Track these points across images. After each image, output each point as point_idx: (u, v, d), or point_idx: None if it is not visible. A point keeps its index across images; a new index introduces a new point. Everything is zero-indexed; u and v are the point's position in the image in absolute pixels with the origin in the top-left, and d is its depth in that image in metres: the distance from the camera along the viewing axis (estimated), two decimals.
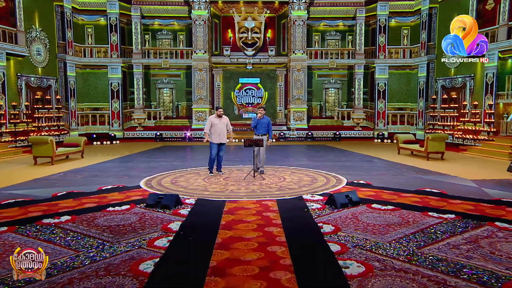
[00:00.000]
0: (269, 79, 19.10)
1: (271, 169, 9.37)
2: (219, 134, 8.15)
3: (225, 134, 8.31)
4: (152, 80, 18.55)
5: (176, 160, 11.46)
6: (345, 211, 5.52)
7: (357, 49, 18.64)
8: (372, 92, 18.72)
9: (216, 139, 8.17)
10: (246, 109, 19.01)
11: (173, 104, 18.68)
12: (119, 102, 17.85)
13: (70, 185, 7.42)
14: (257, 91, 19.03)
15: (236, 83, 18.90)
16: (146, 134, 17.94)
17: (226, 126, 8.26)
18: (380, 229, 4.66)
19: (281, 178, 8.28)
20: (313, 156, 12.25)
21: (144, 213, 5.46)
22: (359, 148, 14.58)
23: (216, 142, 8.18)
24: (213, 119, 8.17)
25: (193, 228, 4.76)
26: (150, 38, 18.58)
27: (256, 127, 8.36)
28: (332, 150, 14.24)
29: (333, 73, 19.00)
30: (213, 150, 8.07)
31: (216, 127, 8.10)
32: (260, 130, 8.39)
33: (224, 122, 8.22)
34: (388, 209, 5.54)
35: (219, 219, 5.11)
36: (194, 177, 8.40)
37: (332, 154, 12.58)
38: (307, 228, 4.73)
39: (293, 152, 13.67)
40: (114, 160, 11.41)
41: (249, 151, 12.53)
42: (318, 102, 19.13)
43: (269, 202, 6.13)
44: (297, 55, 18.09)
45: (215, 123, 8.14)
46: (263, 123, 8.34)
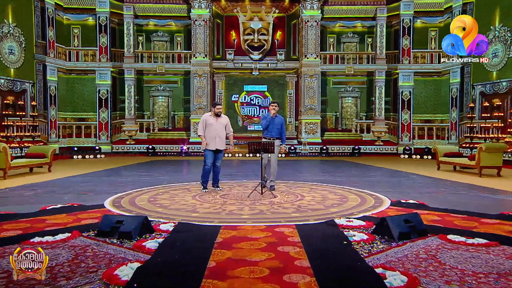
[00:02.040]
0: (278, 86, 18.09)
1: (282, 185, 7.71)
2: (215, 138, 6.65)
3: (223, 137, 6.82)
4: (145, 87, 17.65)
5: (164, 174, 9.95)
6: (410, 246, 3.55)
7: (378, 53, 17.50)
8: (395, 101, 17.53)
9: (211, 144, 6.67)
10: (252, 121, 18.01)
11: (169, 114, 17.76)
12: (107, 111, 16.73)
13: (8, 204, 5.56)
14: (264, 100, 18.05)
15: (241, 91, 18.03)
16: (138, 148, 16.83)
17: (225, 128, 6.80)
18: (491, 282, 2.66)
19: (298, 195, 6.51)
20: (333, 171, 10.90)
21: (87, 246, 3.53)
22: (386, 164, 13.16)
23: (211, 148, 6.67)
24: (208, 118, 6.72)
25: (158, 275, 2.78)
26: (144, 40, 17.62)
27: (267, 128, 6.77)
28: (354, 165, 12.92)
29: (350, 80, 17.94)
30: (208, 159, 6.60)
31: (212, 129, 6.63)
32: (272, 132, 6.80)
33: (222, 123, 6.76)
34: (479, 244, 3.55)
35: (206, 257, 3.15)
36: (182, 194, 6.64)
37: (355, 169, 11.37)
38: (358, 277, 2.74)
39: (307, 167, 12.37)
40: (87, 174, 9.75)
41: (255, 165, 11.57)
42: (334, 112, 18.10)
43: (286, 228, 4.23)
44: (310, 60, 17.19)
45: (210, 123, 6.67)
46: (277, 122, 6.76)
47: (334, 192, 6.92)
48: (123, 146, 16.82)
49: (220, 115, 6.80)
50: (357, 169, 11.53)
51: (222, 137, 6.75)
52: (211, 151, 6.70)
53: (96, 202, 5.75)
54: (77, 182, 8.25)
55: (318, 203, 5.86)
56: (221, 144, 6.76)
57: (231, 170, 10.73)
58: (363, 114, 18.08)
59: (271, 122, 6.73)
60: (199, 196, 6.40)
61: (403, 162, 14.32)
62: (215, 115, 6.73)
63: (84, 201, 5.84)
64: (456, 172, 10.32)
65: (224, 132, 6.80)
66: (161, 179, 8.64)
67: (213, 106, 6.77)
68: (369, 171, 10.77)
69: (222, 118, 6.83)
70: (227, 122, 6.88)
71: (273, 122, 6.66)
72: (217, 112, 6.71)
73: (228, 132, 6.87)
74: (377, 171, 10.82)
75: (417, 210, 5.16)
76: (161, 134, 17.38)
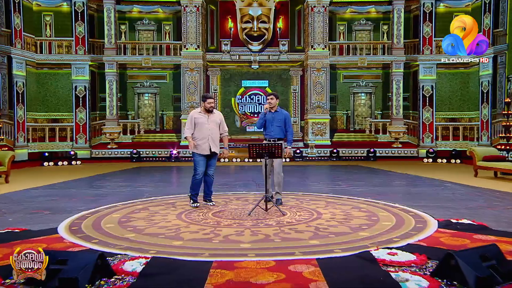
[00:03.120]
0: (281, 81, 17.64)
1: (291, 197, 6.79)
2: (207, 139, 5.84)
3: (217, 138, 6.01)
4: (129, 84, 17.41)
5: (148, 184, 9.05)
6: None
7: (395, 43, 16.84)
8: (415, 98, 17.08)
9: (204, 147, 5.84)
10: (251, 120, 17.48)
11: (157, 114, 17.61)
12: (85, 111, 16.09)
13: None
14: (265, 97, 17.19)
15: (238, 87, 17.64)
16: (121, 152, 16.11)
17: (218, 127, 6.00)
18: None
19: (313, 212, 5.51)
20: (348, 178, 10.14)
21: None
22: (409, 169, 12.34)
23: (203, 152, 5.84)
24: (198, 116, 5.93)
25: None
26: (128, 29, 17.19)
27: (265, 126, 6.00)
28: (372, 171, 12.13)
29: (363, 73, 17.79)
30: (199, 167, 5.81)
31: (203, 129, 5.84)
32: (271, 132, 5.97)
33: (215, 121, 5.96)
34: None
35: None
36: (165, 211, 5.64)
37: (375, 177, 10.57)
38: None
39: (317, 173, 11.65)
40: (53, 186, 8.86)
41: (256, 172, 10.95)
42: (344, 111, 17.90)
43: (304, 266, 3.23)
44: (317, 51, 16.62)
45: (200, 121, 5.87)
46: (277, 119, 5.95)
47: (357, 207, 5.93)
48: (104, 151, 16.14)
49: (212, 111, 5.97)
50: (376, 176, 10.81)
51: (216, 138, 5.97)
52: (203, 156, 5.85)
53: (49, 226, 4.72)
54: (36, 196, 7.23)
55: (340, 223, 4.85)
56: (215, 146, 5.92)
57: (227, 179, 9.94)
58: (378, 112, 17.80)
59: (271, 119, 5.92)
60: (186, 214, 5.42)
61: (428, 167, 13.57)
62: (206, 111, 5.91)
63: (33, 224, 4.81)
64: (499, 179, 9.45)
65: (218, 132, 6.00)
66: (143, 191, 7.75)
67: (203, 99, 5.94)
68: (391, 179, 10.01)
69: (215, 115, 6.01)
70: (221, 119, 6.07)
71: (272, 119, 5.91)
72: (208, 107, 5.89)
73: (223, 132, 6.06)
74: (402, 179, 10.03)
75: (477, 234, 4.13)
76: (148, 137, 16.93)
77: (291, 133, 6.07)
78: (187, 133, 5.89)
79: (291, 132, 6.08)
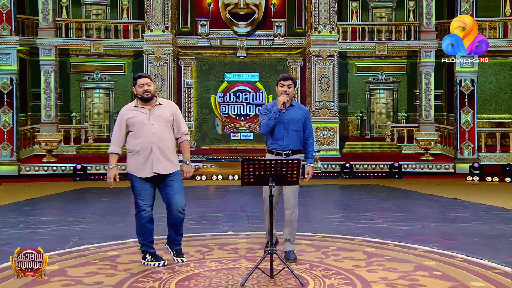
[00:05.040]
0: (276, 74, 16.76)
1: (305, 242, 5.61)
2: (150, 151, 4.72)
3: (169, 147, 4.84)
4: (73, 76, 16.94)
5: (85, 218, 7.83)
6: None
7: (424, 24, 16.05)
8: (451, 96, 16.37)
9: (145, 166, 4.75)
10: (237, 125, 16.85)
11: (111, 116, 16.96)
12: (12, 113, 14.86)
13: None
14: (255, 95, 17.00)
15: (220, 82, 16.99)
16: (61, 168, 15.09)
17: (170, 127, 4.89)
18: None
19: (351, 278, 4.04)
20: (378, 207, 9.48)
21: None
22: (455, 192, 11.61)
23: (143, 174, 4.74)
24: (131, 113, 4.86)
25: None
26: (70, 3, 16.52)
27: (274, 131, 4.92)
28: (405, 195, 11.50)
29: (383, 64, 17.49)
30: (140, 196, 4.75)
31: (142, 132, 4.76)
32: (284, 141, 4.94)
33: (163, 117, 4.85)
34: None
35: None
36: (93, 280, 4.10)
37: (414, 204, 10.12)
38: None
39: (328, 198, 11.32)
40: None
41: (247, 196, 10.43)
42: (358, 113, 17.59)
43: None
44: (323, 34, 15.84)
45: (136, 120, 4.79)
46: (294, 120, 4.97)
47: (423, 266, 4.46)
48: (38, 166, 15.04)
49: (155, 101, 4.78)
50: (416, 202, 10.18)
51: (167, 148, 4.76)
52: (144, 180, 4.73)
53: None
54: None
55: None
56: (165, 162, 4.70)
57: (203, 208, 8.92)
58: (402, 115, 17.50)
59: (285, 119, 4.88)
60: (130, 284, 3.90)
61: (477, 189, 12.77)
62: (143, 101, 4.72)
63: None
64: None
65: (170, 136, 4.82)
66: (72, 233, 6.42)
67: (135, 81, 4.78)
68: (441, 208, 9.34)
69: (163, 107, 4.83)
70: (175, 114, 4.87)
71: (285, 120, 4.90)
72: (145, 95, 4.68)
73: (179, 136, 4.87)
74: (456, 207, 9.09)
75: None
76: (98, 147, 16.14)
77: (312, 141, 5.02)
78: (114, 147, 4.78)
79: (312, 141, 5.03)
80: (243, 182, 4.09)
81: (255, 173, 4.05)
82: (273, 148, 4.89)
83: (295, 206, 4.74)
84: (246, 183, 4.08)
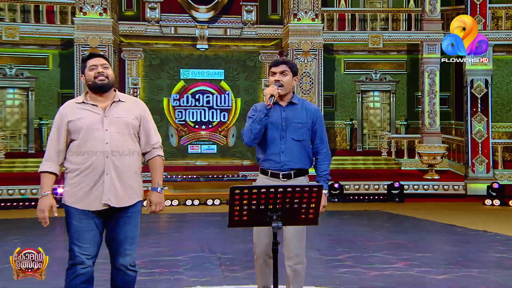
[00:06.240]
0: (245, 71, 16.92)
1: None
2: (101, 171, 4.22)
3: (132, 166, 4.30)
4: None
5: None
6: None
7: (427, 11, 16.02)
8: (460, 99, 16.33)
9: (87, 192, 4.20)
10: (197, 135, 16.66)
11: (30, 124, 16.71)
12: None
13: None
14: (220, 98, 16.83)
15: (175, 80, 16.71)
16: None
17: (134, 135, 4.40)
18: None
19: None
20: (395, 246, 8.97)
21: None
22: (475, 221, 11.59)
23: (88, 207, 4.21)
24: (76, 113, 4.31)
25: None
26: None
27: (266, 140, 4.63)
28: (416, 224, 11.42)
29: (377, 60, 17.69)
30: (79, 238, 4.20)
31: (93, 138, 4.28)
32: (282, 155, 4.63)
33: (123, 120, 4.36)
34: None
35: None
36: None
37: (435, 239, 10.00)
38: None
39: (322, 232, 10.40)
40: None
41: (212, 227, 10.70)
42: (348, 120, 17.77)
43: None
44: (304, 23, 15.71)
45: (82, 124, 4.26)
46: (295, 122, 4.64)
47: None
48: None
49: (115, 97, 4.35)
50: (435, 236, 10.07)
51: (126, 167, 4.25)
52: (86, 215, 4.22)
53: None
54: None
55: None
56: (121, 190, 4.21)
57: (156, 248, 8.35)
58: (401, 122, 17.68)
59: (280, 122, 4.57)
60: None
61: (502, 215, 12.60)
62: (95, 92, 4.26)
63: None
64: None
65: (131, 150, 4.31)
66: None
67: (84, 63, 4.31)
68: (476, 244, 8.97)
69: (124, 106, 4.37)
70: (142, 117, 4.42)
71: (281, 123, 4.59)
72: (99, 80, 4.22)
73: (148, 150, 4.39)
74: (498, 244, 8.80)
75: None
76: (12, 165, 15.88)
77: (326, 156, 4.55)
78: (47, 166, 4.19)
79: (325, 154, 4.56)
80: (232, 221, 3.50)
81: (251, 208, 3.45)
82: (266, 166, 4.41)
83: (302, 255, 4.29)
84: (237, 222, 3.48)
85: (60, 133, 4.15)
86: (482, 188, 14.98)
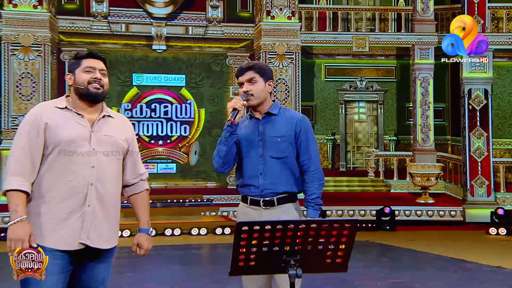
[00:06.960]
0: (210, 77, 16.80)
1: None
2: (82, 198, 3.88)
3: (117, 198, 4.10)
4: None
5: None
6: None
7: (419, 11, 16.18)
8: (456, 112, 16.60)
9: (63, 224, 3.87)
10: (152, 153, 16.43)
11: None
12: None
13: None
14: (180, 108, 16.71)
15: (126, 87, 16.44)
16: None
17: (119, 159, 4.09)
18: None
19: None
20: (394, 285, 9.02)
21: None
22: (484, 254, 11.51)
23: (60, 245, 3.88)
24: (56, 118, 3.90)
25: None
26: None
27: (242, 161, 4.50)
28: (421, 259, 11.37)
29: (363, 65, 18.02)
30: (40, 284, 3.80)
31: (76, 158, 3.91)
32: (260, 176, 4.39)
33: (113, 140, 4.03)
34: None
35: None
36: None
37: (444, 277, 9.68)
38: None
39: None
40: None
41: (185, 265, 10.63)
42: (329, 134, 17.96)
43: None
44: (278, 21, 15.71)
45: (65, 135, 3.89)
46: (272, 137, 4.44)
47: None
48: None
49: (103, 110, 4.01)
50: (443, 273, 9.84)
51: (111, 199, 4.04)
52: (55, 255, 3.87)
53: None
54: None
55: None
56: (105, 227, 4.01)
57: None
58: (390, 138, 17.87)
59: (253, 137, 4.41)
60: None
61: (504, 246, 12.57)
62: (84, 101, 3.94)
63: None
64: None
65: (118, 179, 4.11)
66: None
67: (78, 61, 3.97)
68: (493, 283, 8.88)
69: (113, 124, 4.03)
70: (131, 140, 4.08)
71: (258, 139, 4.42)
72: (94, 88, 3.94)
73: (135, 182, 4.17)
74: None
75: None
76: None
77: (315, 174, 4.29)
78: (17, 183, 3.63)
79: (314, 172, 4.30)
80: (235, 268, 3.18)
81: (261, 251, 3.08)
82: (245, 193, 4.25)
83: None
84: (241, 269, 3.20)
85: (34, 139, 3.75)
86: (482, 214, 14.97)
